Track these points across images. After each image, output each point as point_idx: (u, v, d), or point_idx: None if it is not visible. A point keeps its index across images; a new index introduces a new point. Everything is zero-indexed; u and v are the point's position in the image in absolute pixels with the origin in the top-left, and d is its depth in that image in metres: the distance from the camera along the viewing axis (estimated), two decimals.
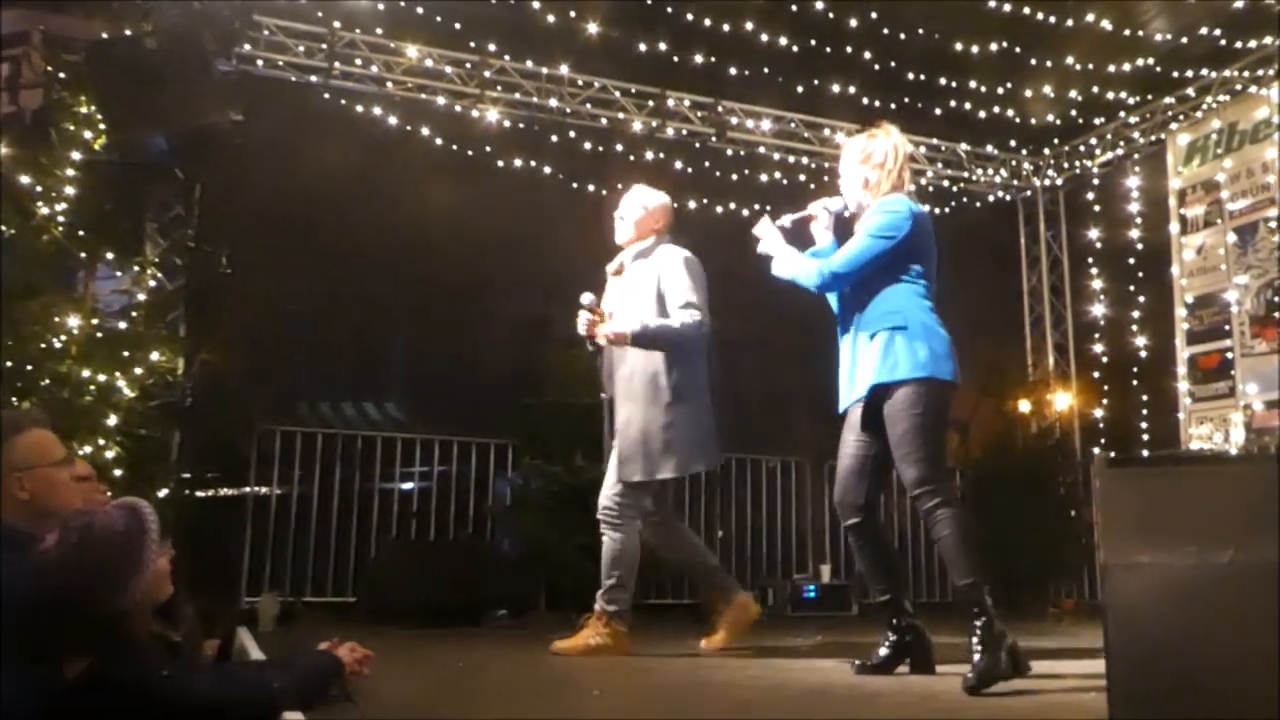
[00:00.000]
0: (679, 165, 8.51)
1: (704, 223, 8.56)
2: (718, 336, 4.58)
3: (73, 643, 2.09)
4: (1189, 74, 8.06)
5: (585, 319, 4.56)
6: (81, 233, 5.28)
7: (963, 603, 3.28)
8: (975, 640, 3.17)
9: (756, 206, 7.82)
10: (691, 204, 8.57)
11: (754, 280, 4.48)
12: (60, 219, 5.17)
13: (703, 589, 4.80)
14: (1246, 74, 7.81)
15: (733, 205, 8.68)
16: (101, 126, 5.41)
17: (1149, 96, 8.48)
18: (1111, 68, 7.77)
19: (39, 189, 5.11)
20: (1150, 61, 7.71)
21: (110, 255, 5.51)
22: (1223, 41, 7.43)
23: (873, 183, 3.66)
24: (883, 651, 3.59)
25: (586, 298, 4.57)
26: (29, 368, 4.82)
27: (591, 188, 8.29)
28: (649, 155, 8.37)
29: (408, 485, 7.90)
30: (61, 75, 5.46)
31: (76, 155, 5.29)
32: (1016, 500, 8.09)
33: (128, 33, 5.65)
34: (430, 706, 2.93)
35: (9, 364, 4.75)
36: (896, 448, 3.39)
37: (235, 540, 6.76)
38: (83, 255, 5.35)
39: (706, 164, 8.63)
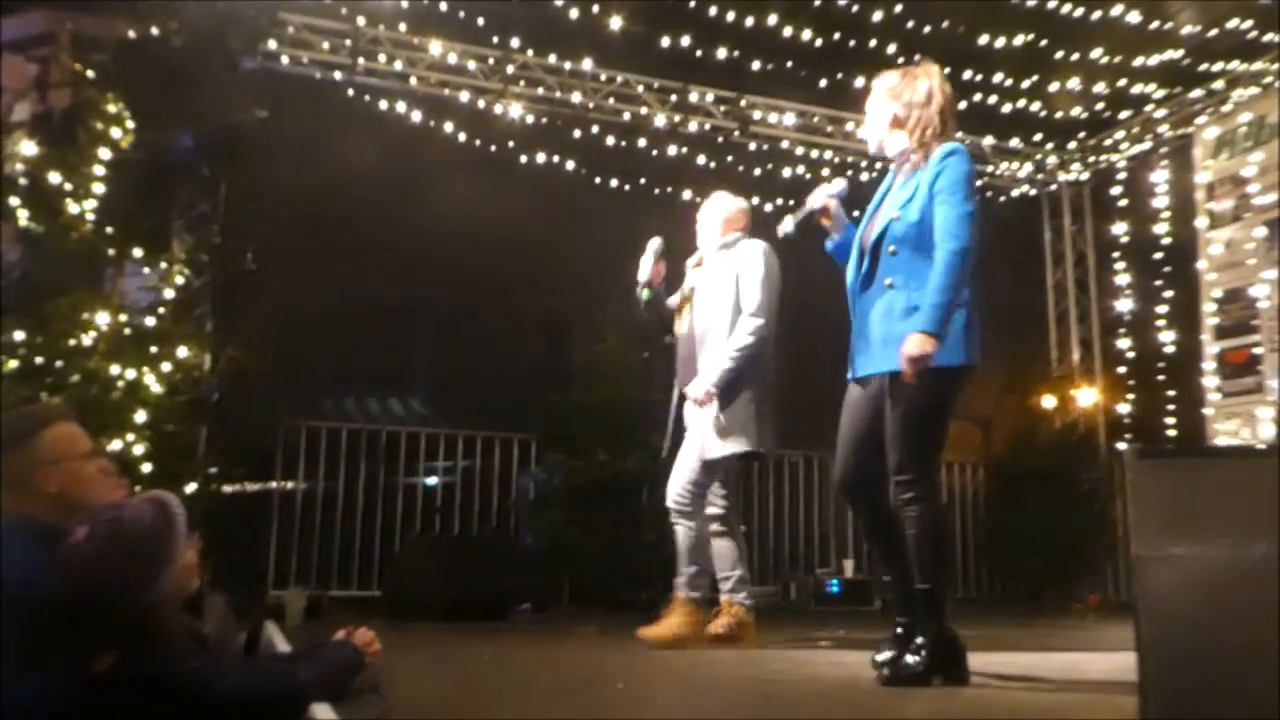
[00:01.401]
0: (702, 160, 8.51)
1: None
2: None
3: (102, 636, 2.11)
4: (1217, 67, 7.97)
5: (650, 264, 4.63)
6: (110, 230, 5.33)
7: (921, 602, 3.13)
8: (920, 641, 3.07)
9: (780, 201, 7.79)
10: None
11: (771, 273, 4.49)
12: (89, 217, 5.23)
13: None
14: (1276, 67, 7.72)
15: (756, 200, 8.63)
16: (129, 125, 5.45)
17: (1176, 90, 8.40)
18: (1138, 61, 7.70)
19: (68, 187, 5.17)
20: (1178, 54, 7.64)
21: (138, 253, 5.55)
22: (1252, 34, 7.35)
23: (911, 123, 3.27)
24: (891, 647, 3.31)
25: (655, 243, 4.66)
26: (59, 364, 4.87)
27: (614, 183, 8.30)
28: (672, 150, 8.36)
29: (432, 480, 7.94)
30: (89, 74, 5.50)
31: (105, 154, 5.34)
32: (1040, 496, 8.05)
33: (154, 32, 5.70)
34: (456, 701, 2.94)
35: (39, 360, 4.80)
36: (899, 426, 3.11)
37: (261, 535, 6.80)
38: (111, 253, 5.40)
39: (729, 159, 8.61)
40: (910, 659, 3.05)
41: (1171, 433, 8.70)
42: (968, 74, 7.79)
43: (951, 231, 3.07)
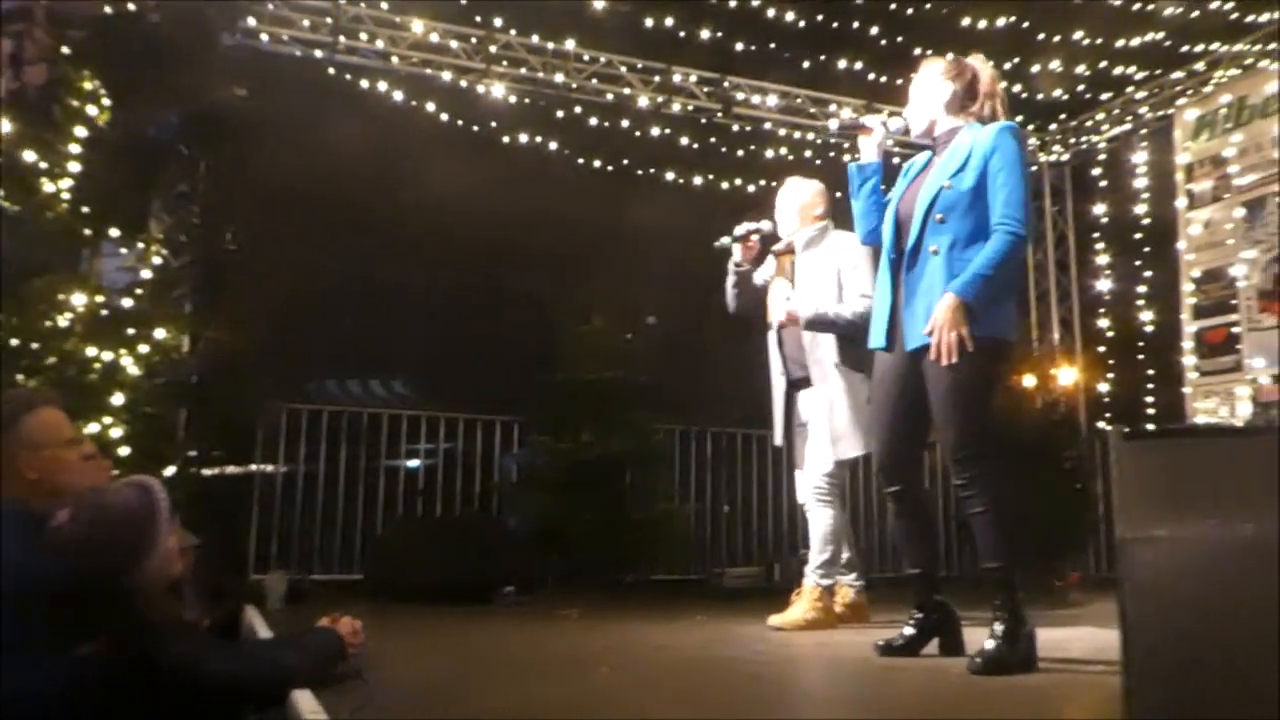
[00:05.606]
0: (685, 141, 8.48)
1: (709, 198, 8.55)
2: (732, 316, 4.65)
3: (86, 620, 2.10)
4: (1198, 48, 8.00)
5: (747, 232, 4.60)
6: (86, 210, 5.26)
7: (997, 585, 3.05)
8: (997, 626, 3.00)
9: (763, 182, 7.79)
10: (697, 180, 8.54)
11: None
12: (65, 196, 5.15)
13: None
14: (1257, 48, 7.75)
15: (739, 181, 8.65)
16: (106, 102, 5.38)
17: (1158, 71, 8.43)
18: (1120, 42, 7.72)
19: (43, 166, 5.09)
20: (1159, 36, 7.66)
21: (115, 232, 5.49)
22: (1233, 15, 7.38)
23: (973, 106, 3.37)
24: (908, 631, 3.35)
25: (767, 225, 4.66)
26: (35, 346, 4.81)
27: (597, 164, 8.27)
28: (655, 131, 8.33)
29: (414, 463, 7.91)
30: (65, 50, 5.42)
31: (81, 132, 5.27)
32: (1021, 474, 8.08)
33: (131, 7, 5.62)
34: (439, 685, 2.94)
35: (15, 342, 4.74)
36: (950, 400, 3.08)
37: (242, 518, 6.77)
38: (87, 232, 5.34)
39: (712, 140, 8.59)
40: (995, 647, 2.95)
41: (1151, 411, 8.76)
42: (950, 54, 7.76)
43: (1014, 215, 3.09)
